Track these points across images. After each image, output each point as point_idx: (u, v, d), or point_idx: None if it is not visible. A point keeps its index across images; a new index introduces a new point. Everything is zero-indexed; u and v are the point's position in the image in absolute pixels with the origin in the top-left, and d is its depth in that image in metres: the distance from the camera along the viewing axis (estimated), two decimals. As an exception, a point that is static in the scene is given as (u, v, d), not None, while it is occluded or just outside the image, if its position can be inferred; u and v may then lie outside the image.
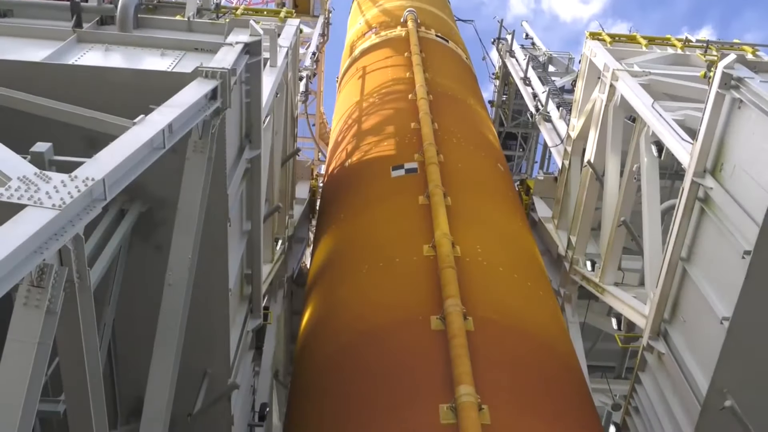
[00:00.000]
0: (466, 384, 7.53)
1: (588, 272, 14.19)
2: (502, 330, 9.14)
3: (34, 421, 4.58)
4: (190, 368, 8.08)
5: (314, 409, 9.02)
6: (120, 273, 7.00)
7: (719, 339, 8.50)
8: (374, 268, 10.66)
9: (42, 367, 4.13)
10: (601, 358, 16.89)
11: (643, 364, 11.05)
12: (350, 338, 9.46)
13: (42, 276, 4.10)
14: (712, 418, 8.82)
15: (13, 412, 3.95)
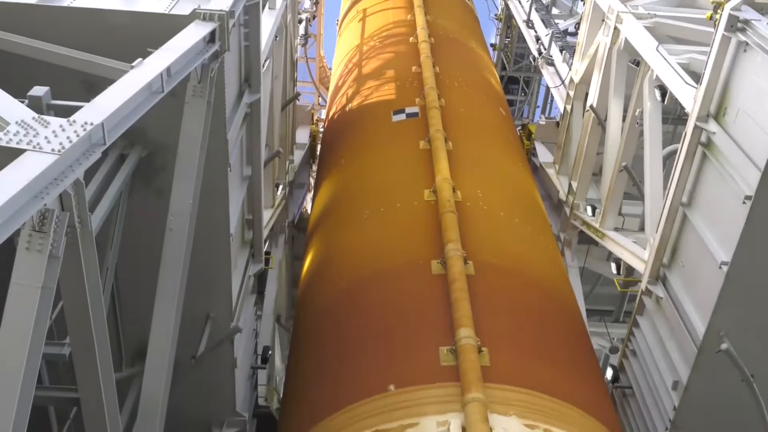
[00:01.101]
0: (466, 327, 7.62)
1: (588, 217, 14.22)
2: (502, 274, 9.21)
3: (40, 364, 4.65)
4: (193, 312, 8.17)
5: (316, 352, 9.15)
6: (121, 218, 7.00)
7: (717, 283, 8.56)
8: (375, 213, 10.68)
9: (46, 311, 4.17)
10: (599, 302, 17.07)
11: (642, 308, 11.16)
12: (351, 282, 9.53)
13: (43, 221, 4.10)
14: (708, 361, 8.94)
15: (19, 355, 4.01)
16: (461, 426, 6.67)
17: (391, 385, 7.47)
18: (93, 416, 5.33)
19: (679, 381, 9.63)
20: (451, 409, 6.93)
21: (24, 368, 4.00)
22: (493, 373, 7.34)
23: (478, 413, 6.63)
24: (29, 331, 4.04)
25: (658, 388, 10.38)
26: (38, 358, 4.17)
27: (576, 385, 8.09)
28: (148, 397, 6.56)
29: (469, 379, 7.03)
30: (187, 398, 8.90)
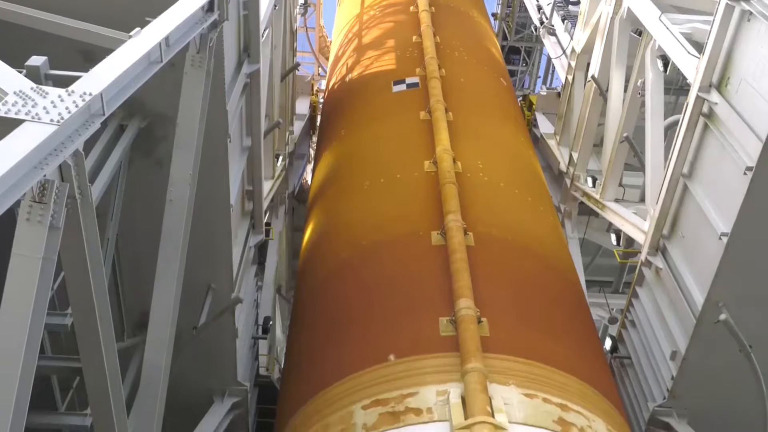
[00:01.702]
0: (466, 297, 7.65)
1: (589, 188, 14.21)
2: (502, 245, 9.22)
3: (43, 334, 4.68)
4: (194, 283, 8.20)
5: (316, 323, 9.20)
6: (121, 189, 7.01)
7: (717, 254, 8.58)
8: (375, 184, 10.67)
9: (47, 281, 4.18)
10: (599, 273, 17.13)
11: (641, 278, 11.21)
12: (351, 253, 9.55)
13: (43, 192, 4.10)
14: (706, 332, 9.00)
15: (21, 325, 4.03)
16: (460, 395, 6.72)
17: (391, 355, 7.52)
18: (95, 385, 5.38)
19: (678, 351, 9.70)
20: (451, 379, 6.98)
21: (26, 338, 4.02)
22: (492, 344, 7.38)
23: (477, 383, 6.68)
24: (31, 302, 4.05)
25: (656, 358, 10.46)
26: (40, 328, 4.19)
27: (575, 355, 8.14)
28: (149, 367, 6.61)
29: (469, 349, 7.08)
30: (188, 368, 8.98)
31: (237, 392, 9.95)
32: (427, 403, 6.84)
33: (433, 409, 6.76)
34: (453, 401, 6.64)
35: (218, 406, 9.73)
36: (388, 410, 6.91)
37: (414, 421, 6.73)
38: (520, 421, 6.62)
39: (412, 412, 6.81)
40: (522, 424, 6.58)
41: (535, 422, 6.71)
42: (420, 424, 6.69)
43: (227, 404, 9.79)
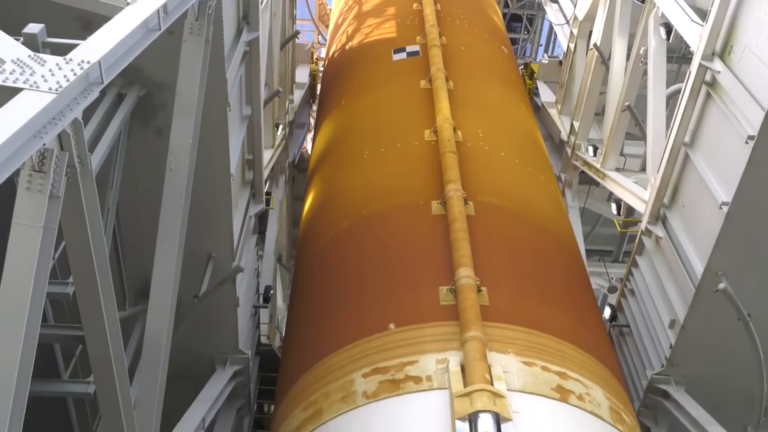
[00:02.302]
0: (466, 267, 7.66)
1: (590, 157, 14.17)
2: (503, 214, 9.23)
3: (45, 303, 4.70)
4: (195, 252, 8.23)
5: (317, 292, 9.24)
6: (121, 158, 6.99)
7: (717, 224, 8.59)
8: (375, 153, 10.64)
9: (48, 250, 4.19)
10: (599, 242, 17.18)
11: (641, 248, 11.23)
12: (352, 223, 9.56)
13: (43, 161, 4.09)
14: (705, 300, 9.04)
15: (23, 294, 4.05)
16: (460, 363, 6.77)
17: (391, 324, 7.57)
18: (98, 353, 5.42)
19: (676, 320, 9.76)
20: (450, 348, 7.03)
21: (28, 307, 4.05)
22: (492, 312, 7.42)
23: (476, 351, 6.72)
24: (32, 271, 4.07)
25: (655, 327, 10.53)
26: (42, 296, 4.21)
27: (574, 323, 8.19)
28: (151, 336, 6.65)
29: (468, 317, 7.11)
30: (190, 336, 9.05)
31: (239, 360, 10.03)
32: (427, 372, 6.89)
33: (432, 377, 6.82)
34: (452, 369, 6.69)
35: (220, 373, 9.81)
36: (388, 378, 6.97)
37: (413, 389, 6.79)
38: (519, 388, 6.68)
39: (412, 380, 6.87)
40: (521, 392, 6.63)
41: (534, 390, 6.77)
42: (419, 392, 6.75)
43: (229, 372, 9.88)
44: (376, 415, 6.73)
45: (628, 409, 7.70)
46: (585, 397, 6.98)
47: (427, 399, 6.66)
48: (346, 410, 6.91)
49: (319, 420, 7.06)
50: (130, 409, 6.02)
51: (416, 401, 6.70)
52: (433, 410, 6.47)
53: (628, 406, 7.87)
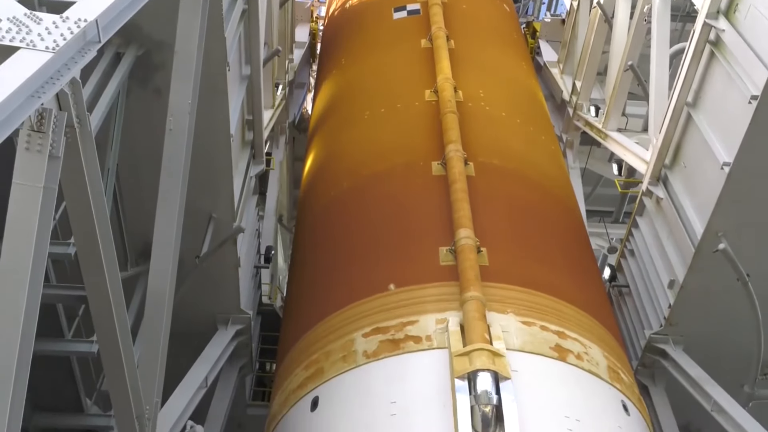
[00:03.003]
0: (466, 227, 7.68)
1: (591, 118, 14.09)
2: (503, 175, 9.21)
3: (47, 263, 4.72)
4: (196, 212, 8.23)
5: (317, 252, 9.27)
6: (120, 118, 6.95)
7: (718, 184, 8.58)
8: (376, 114, 10.58)
9: (49, 210, 4.19)
10: (600, 203, 17.18)
11: (641, 208, 11.23)
12: (352, 183, 9.55)
13: (41, 121, 4.06)
14: (704, 261, 9.08)
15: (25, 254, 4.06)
16: (459, 323, 6.83)
17: (392, 284, 7.61)
18: (100, 313, 5.45)
19: (676, 280, 9.80)
20: (450, 308, 7.08)
21: (31, 267, 4.06)
22: (491, 273, 7.45)
23: (475, 311, 6.77)
24: (33, 231, 4.07)
25: (654, 287, 10.58)
26: (44, 257, 4.22)
27: (573, 283, 8.23)
28: (153, 296, 6.69)
29: (468, 278, 7.15)
30: (192, 296, 9.11)
31: (240, 320, 10.11)
32: (427, 331, 6.95)
33: (432, 337, 6.88)
34: (452, 329, 6.75)
35: (222, 333, 9.91)
36: (388, 338, 7.03)
37: (413, 348, 6.86)
38: (518, 348, 6.74)
39: (412, 339, 6.94)
40: (519, 351, 6.70)
41: (533, 349, 6.83)
42: (419, 351, 6.82)
43: (231, 331, 9.97)
44: (377, 374, 6.81)
45: (625, 367, 7.78)
46: (583, 356, 7.06)
47: (427, 358, 6.73)
48: (347, 369, 6.99)
49: (320, 379, 7.14)
50: (133, 368, 6.09)
51: (416, 360, 6.77)
52: (432, 369, 6.54)
53: (626, 365, 7.96)
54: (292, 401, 7.30)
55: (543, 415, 6.22)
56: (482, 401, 5.90)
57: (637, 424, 7.02)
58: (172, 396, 8.09)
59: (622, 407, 6.93)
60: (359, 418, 6.49)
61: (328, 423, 6.68)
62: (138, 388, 6.31)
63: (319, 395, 6.99)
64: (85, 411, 7.82)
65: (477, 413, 5.89)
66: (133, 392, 6.18)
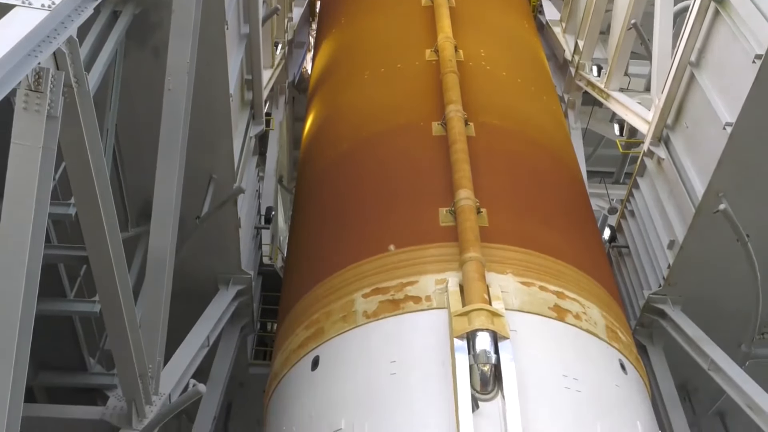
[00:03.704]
0: (466, 188, 7.67)
1: (594, 77, 13.98)
2: (504, 135, 9.18)
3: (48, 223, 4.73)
4: (196, 173, 8.22)
5: (318, 213, 9.29)
6: (118, 78, 6.90)
7: (720, 144, 8.54)
8: (376, 74, 10.50)
9: (49, 171, 4.19)
10: (601, 163, 17.15)
11: (642, 169, 11.21)
12: (352, 144, 9.52)
13: (39, 80, 4.04)
14: (705, 221, 9.09)
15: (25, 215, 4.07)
16: (459, 284, 6.86)
17: (391, 245, 7.63)
18: (102, 274, 5.48)
19: (675, 240, 9.83)
20: (450, 268, 7.11)
21: (31, 226, 4.07)
22: (491, 233, 7.47)
23: (475, 271, 6.80)
24: (33, 191, 4.07)
25: (654, 247, 10.62)
26: (44, 217, 4.23)
27: (573, 244, 8.26)
28: (155, 256, 6.71)
29: (467, 239, 7.16)
30: (193, 257, 9.16)
31: (241, 280, 10.17)
32: (426, 292, 6.99)
33: (431, 297, 6.92)
34: (451, 289, 6.79)
35: (223, 293, 9.97)
36: (388, 298, 7.08)
37: (413, 308, 6.90)
38: (517, 308, 6.79)
39: (412, 300, 6.98)
40: (518, 311, 6.74)
41: (531, 309, 6.88)
42: (419, 312, 6.87)
43: (232, 292, 10.04)
44: (376, 334, 6.86)
45: (624, 327, 7.84)
46: (582, 316, 7.11)
47: (426, 318, 6.78)
48: (347, 329, 7.04)
49: (320, 338, 7.20)
50: (135, 328, 6.14)
51: (415, 320, 6.82)
52: (432, 329, 6.59)
53: (625, 324, 8.02)
54: (293, 360, 7.37)
55: (541, 374, 6.28)
56: (481, 360, 5.96)
57: (634, 382, 7.10)
58: (175, 355, 8.18)
59: (620, 366, 7.00)
60: (359, 377, 6.56)
61: (329, 382, 6.76)
62: (141, 347, 6.38)
63: (320, 355, 7.06)
64: (89, 370, 7.92)
65: (476, 372, 5.95)
66: (136, 351, 6.25)
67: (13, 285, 4.01)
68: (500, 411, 5.78)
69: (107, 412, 7.04)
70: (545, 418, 5.94)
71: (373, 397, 6.31)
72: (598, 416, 6.20)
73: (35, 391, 7.83)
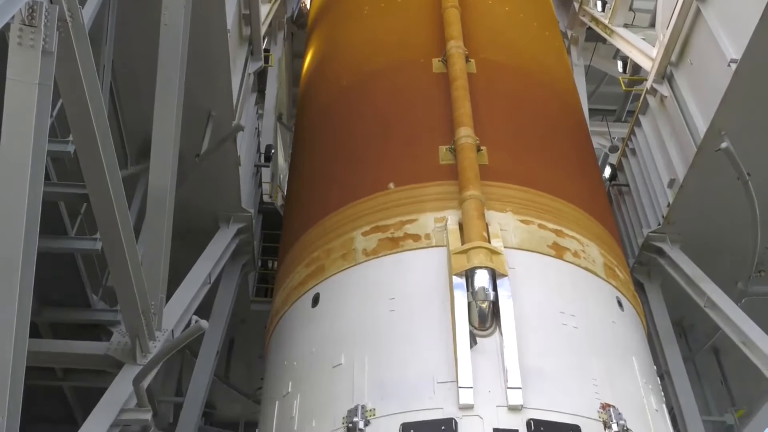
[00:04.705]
0: (466, 126, 7.62)
1: (598, 13, 13.74)
2: (505, 72, 9.07)
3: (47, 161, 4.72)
4: (194, 110, 8.16)
5: (317, 151, 9.25)
6: (113, 13, 6.77)
7: (724, 82, 8.45)
8: (375, 9, 10.31)
9: (46, 107, 4.16)
10: (603, 101, 16.98)
11: (645, 107, 11.12)
12: (351, 80, 9.42)
13: (32, 14, 3.97)
14: (706, 160, 9.06)
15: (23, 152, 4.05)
16: (458, 222, 6.88)
17: (391, 183, 7.63)
18: (102, 211, 5.50)
19: (676, 179, 9.82)
20: (449, 206, 7.12)
21: (30, 163, 4.06)
22: (491, 171, 7.45)
23: (474, 209, 6.82)
24: (31, 128, 4.05)
25: (654, 186, 10.62)
26: (43, 153, 4.22)
27: (573, 182, 8.25)
28: (155, 194, 6.72)
29: (467, 177, 7.16)
30: (193, 195, 9.16)
31: (242, 218, 10.20)
32: (426, 230, 7.02)
33: (431, 235, 6.95)
34: (450, 227, 6.81)
35: (224, 231, 10.01)
36: (388, 236, 7.11)
37: (412, 246, 6.94)
38: (515, 245, 6.83)
39: (411, 238, 7.01)
40: (517, 249, 6.78)
41: (530, 247, 6.92)
42: (418, 250, 6.91)
43: (233, 230, 10.07)
44: (376, 272, 6.92)
45: (622, 265, 7.90)
46: (580, 254, 7.15)
47: (426, 256, 6.82)
48: (347, 267, 7.10)
49: (321, 276, 7.26)
50: (137, 265, 6.19)
51: (415, 258, 6.86)
52: (431, 267, 6.64)
53: (623, 262, 8.08)
54: (294, 298, 7.46)
55: (538, 311, 6.36)
56: (479, 297, 6.03)
57: (630, 319, 7.20)
58: (177, 292, 8.27)
59: (617, 303, 7.08)
60: (359, 314, 6.64)
61: (329, 319, 6.85)
62: (143, 283, 6.44)
63: (320, 292, 7.14)
64: (92, 306, 8.01)
65: (474, 309, 6.03)
66: (138, 288, 6.32)
67: (14, 221, 4.03)
68: (498, 347, 5.88)
69: (111, 347, 7.16)
70: (542, 354, 6.03)
71: (373, 334, 6.40)
72: (594, 352, 6.30)
73: (40, 327, 7.95)
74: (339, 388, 6.10)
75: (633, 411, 5.99)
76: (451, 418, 5.48)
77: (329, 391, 6.18)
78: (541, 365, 5.91)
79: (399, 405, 5.72)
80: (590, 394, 5.88)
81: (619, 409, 5.81)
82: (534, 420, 5.47)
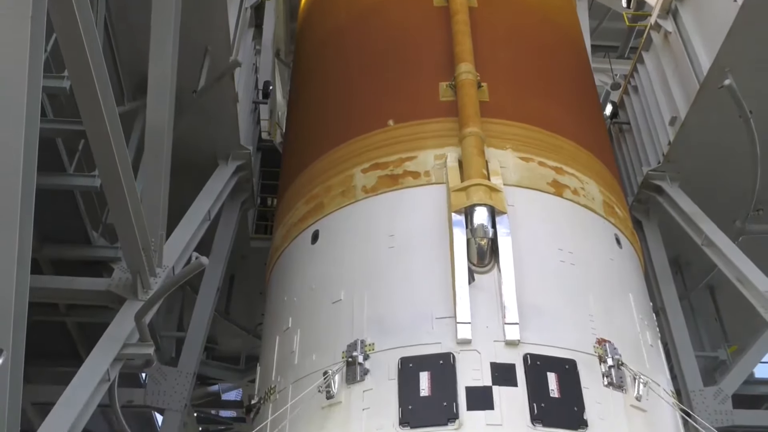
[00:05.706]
0: (466, 62, 7.52)
1: (602, -54, 13.42)
2: (507, 6, 8.90)
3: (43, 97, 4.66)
4: (191, 45, 8.03)
5: (316, 88, 9.15)
6: (106, -57, 6.61)
7: (730, 18, 8.31)
8: (376, -61, 10.03)
9: (39, 41, 4.08)
10: (606, 37, 16.71)
11: (648, 43, 10.97)
12: (350, 15, 9.24)
13: (22, -56, 3.86)
14: (708, 97, 8.99)
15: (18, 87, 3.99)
16: (458, 159, 6.86)
17: (391, 120, 7.57)
18: (100, 148, 5.46)
19: (677, 117, 9.76)
20: (449, 143, 7.08)
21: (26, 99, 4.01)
22: (491, 108, 7.40)
23: (474, 147, 6.78)
24: (25, 62, 3.98)
25: (655, 124, 10.56)
26: (38, 88, 4.15)
27: (574, 120, 8.18)
28: (152, 130, 6.66)
29: (467, 114, 7.10)
30: (192, 132, 9.10)
31: (240, 155, 10.16)
32: (425, 167, 7.00)
33: (430, 172, 6.94)
34: (450, 164, 6.79)
35: (223, 168, 9.98)
36: (387, 173, 7.09)
37: (412, 183, 6.94)
38: (515, 183, 6.83)
39: (410, 175, 7.00)
40: (516, 186, 6.79)
41: (530, 184, 6.92)
42: (418, 187, 6.90)
43: (232, 167, 10.04)
44: (375, 209, 6.93)
45: (621, 202, 7.92)
46: (579, 192, 7.15)
47: (425, 193, 6.83)
48: (346, 204, 7.11)
49: (320, 213, 7.28)
50: (136, 201, 6.19)
51: (414, 195, 6.87)
52: (430, 204, 6.65)
53: (622, 200, 8.09)
54: (293, 234, 7.49)
55: (537, 248, 6.40)
56: (478, 234, 6.06)
57: (628, 256, 7.25)
58: (177, 229, 8.29)
59: (615, 240, 7.12)
60: (358, 251, 6.68)
61: (328, 255, 6.89)
62: (142, 220, 6.45)
63: (320, 229, 7.17)
64: (93, 243, 8.05)
65: (473, 246, 6.07)
66: (138, 225, 6.33)
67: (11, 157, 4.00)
68: (495, 283, 5.94)
69: (113, 283, 7.22)
70: (539, 290, 6.10)
71: (372, 270, 6.45)
72: (591, 289, 6.37)
73: (41, 264, 8.00)
74: (338, 323, 6.19)
75: (628, 346, 6.09)
76: (449, 352, 5.58)
77: (329, 326, 6.27)
78: (539, 301, 5.99)
79: (398, 340, 5.81)
80: (586, 330, 5.97)
81: (614, 344, 5.91)
82: (530, 355, 5.57)
